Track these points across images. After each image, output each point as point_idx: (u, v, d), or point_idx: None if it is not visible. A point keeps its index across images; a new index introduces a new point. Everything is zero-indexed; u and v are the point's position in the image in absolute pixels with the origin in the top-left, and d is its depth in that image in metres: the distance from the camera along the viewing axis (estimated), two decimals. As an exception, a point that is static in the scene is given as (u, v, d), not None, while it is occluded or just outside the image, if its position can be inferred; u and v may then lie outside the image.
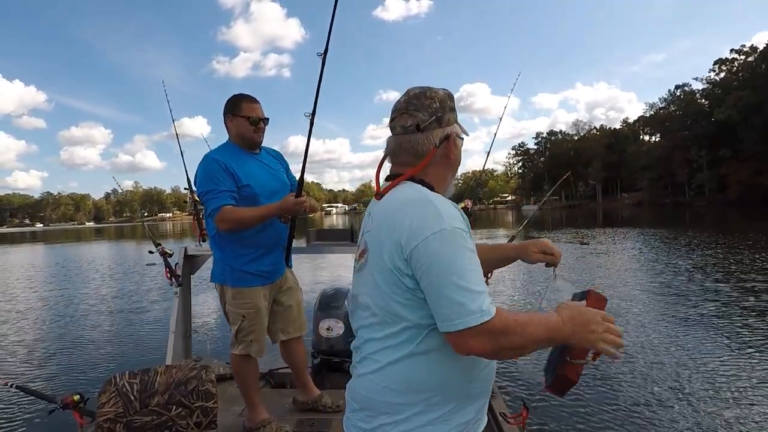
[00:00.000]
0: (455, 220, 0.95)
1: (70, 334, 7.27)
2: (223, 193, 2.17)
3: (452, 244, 0.92)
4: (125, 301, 10.04)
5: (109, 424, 1.81)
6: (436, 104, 1.09)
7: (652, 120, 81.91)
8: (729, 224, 24.37)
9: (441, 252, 0.91)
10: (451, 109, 1.13)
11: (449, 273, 0.89)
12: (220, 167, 2.21)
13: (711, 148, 62.78)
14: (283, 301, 2.49)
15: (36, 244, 40.87)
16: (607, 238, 18.85)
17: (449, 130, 1.10)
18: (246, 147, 2.36)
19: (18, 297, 11.26)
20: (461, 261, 0.91)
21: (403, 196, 1.03)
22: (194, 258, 3.12)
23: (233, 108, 2.33)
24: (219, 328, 6.54)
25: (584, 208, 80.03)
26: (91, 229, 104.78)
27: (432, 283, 0.91)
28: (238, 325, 2.30)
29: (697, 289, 8.13)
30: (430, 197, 1.00)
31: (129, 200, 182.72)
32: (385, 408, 1.01)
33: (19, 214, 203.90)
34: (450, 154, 1.12)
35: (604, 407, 3.82)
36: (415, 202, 0.99)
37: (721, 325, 5.97)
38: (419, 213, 0.96)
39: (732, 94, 58.52)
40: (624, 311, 6.87)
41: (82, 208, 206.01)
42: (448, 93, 1.14)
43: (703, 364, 4.66)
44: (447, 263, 0.90)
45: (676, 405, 3.81)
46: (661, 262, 11.75)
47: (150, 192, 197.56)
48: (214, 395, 2.02)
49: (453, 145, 1.11)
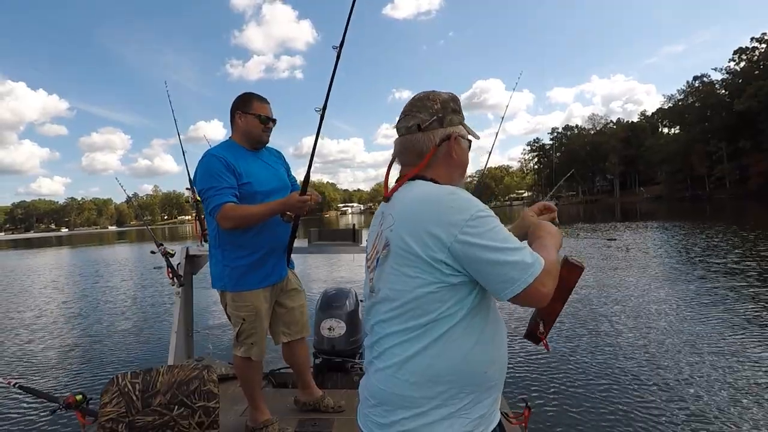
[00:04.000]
0: (479, 204, 1.01)
1: (73, 335, 7.38)
2: (225, 190, 2.14)
3: (489, 223, 0.98)
4: (129, 301, 10.20)
5: (112, 424, 1.83)
6: (437, 106, 1.14)
7: (671, 112, 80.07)
8: (752, 217, 23.75)
9: (484, 232, 0.96)
10: (454, 111, 1.16)
11: (500, 244, 0.96)
12: (222, 164, 2.17)
13: (731, 139, 61.24)
14: (286, 303, 2.47)
15: (61, 248, 41.66)
16: (630, 235, 18.51)
17: (451, 131, 1.14)
18: (250, 145, 2.34)
19: (24, 299, 11.52)
20: (502, 232, 0.98)
21: (421, 190, 1.08)
22: (196, 258, 3.12)
23: (244, 105, 2.31)
24: (221, 328, 6.59)
25: (602, 202, 78.79)
26: (113, 232, 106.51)
27: (488, 260, 0.96)
28: (239, 328, 2.30)
29: (724, 290, 7.86)
30: (449, 188, 1.06)
31: (149, 204, 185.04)
32: (404, 402, 1.03)
33: (45, 219, 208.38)
34: (452, 153, 1.15)
35: (608, 406, 3.77)
36: (439, 194, 1.04)
37: (742, 329, 5.70)
38: (447, 203, 1.01)
39: (752, 83, 56.98)
40: (642, 310, 6.78)
41: (104, 213, 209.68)
42: (452, 96, 1.18)
43: (715, 366, 4.52)
44: (493, 239, 0.96)
45: (681, 404, 3.74)
46: (685, 260, 11.53)
47: (169, 195, 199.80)
48: (216, 395, 2.03)
49: (455, 144, 1.15)
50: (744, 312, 6.26)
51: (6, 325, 8.29)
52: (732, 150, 61.52)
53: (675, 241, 15.07)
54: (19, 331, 7.82)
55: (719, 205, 40.79)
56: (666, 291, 7.85)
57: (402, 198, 1.11)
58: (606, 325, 6.04)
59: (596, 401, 3.87)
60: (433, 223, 0.99)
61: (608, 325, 6.07)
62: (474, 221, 0.97)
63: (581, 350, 5.13)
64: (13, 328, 8.04)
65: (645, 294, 7.70)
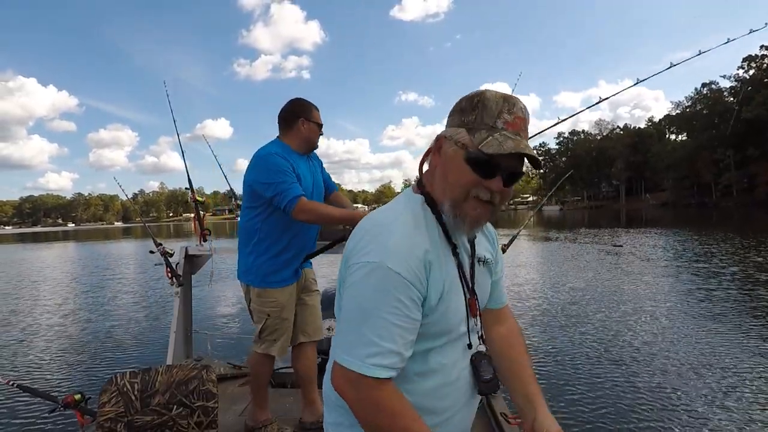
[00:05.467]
0: (396, 260, 0.83)
1: (71, 334, 7.38)
2: (295, 185, 2.16)
3: (376, 284, 0.83)
4: (128, 300, 10.21)
5: (110, 423, 1.82)
6: (453, 108, 0.95)
7: (679, 119, 79.84)
8: (759, 225, 23.59)
9: (359, 285, 0.85)
10: (456, 112, 0.94)
11: (359, 312, 0.84)
12: (287, 163, 2.20)
13: (738, 147, 60.92)
14: (307, 300, 2.49)
15: (68, 242, 41.96)
16: (636, 241, 18.45)
17: (442, 134, 0.94)
18: (305, 150, 2.39)
19: (22, 297, 11.49)
20: (376, 305, 0.83)
21: (382, 209, 0.99)
22: (195, 258, 3.12)
23: (307, 113, 2.35)
24: (220, 328, 6.61)
25: (607, 208, 78.54)
26: (119, 228, 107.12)
27: (342, 311, 0.89)
28: (263, 324, 2.30)
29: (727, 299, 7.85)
30: (389, 223, 0.90)
31: (155, 201, 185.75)
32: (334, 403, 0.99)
33: (52, 214, 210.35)
34: (436, 163, 0.95)
35: (608, 407, 3.76)
36: (373, 222, 0.93)
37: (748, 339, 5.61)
38: (364, 236, 0.90)
39: (761, 91, 56.66)
40: (645, 314, 6.74)
41: (111, 209, 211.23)
42: (468, 95, 0.94)
43: (715, 375, 4.47)
44: (359, 302, 0.85)
45: (683, 406, 3.72)
46: (690, 266, 11.45)
47: (175, 193, 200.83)
48: (215, 395, 2.02)
49: (441, 152, 0.94)
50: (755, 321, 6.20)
51: (5, 324, 8.30)
52: (740, 158, 61.21)
53: (681, 248, 14.98)
54: (18, 330, 7.83)
55: (726, 212, 40.54)
56: (670, 297, 7.79)
57: None
58: (606, 328, 6.01)
59: (596, 401, 3.86)
60: (348, 250, 0.93)
61: (609, 327, 6.04)
62: (366, 266, 0.85)
63: (581, 351, 5.11)
64: (12, 327, 8.04)
65: (648, 299, 7.65)
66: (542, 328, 6.35)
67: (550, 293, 8.70)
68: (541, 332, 6.13)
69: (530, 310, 7.32)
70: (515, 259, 13.81)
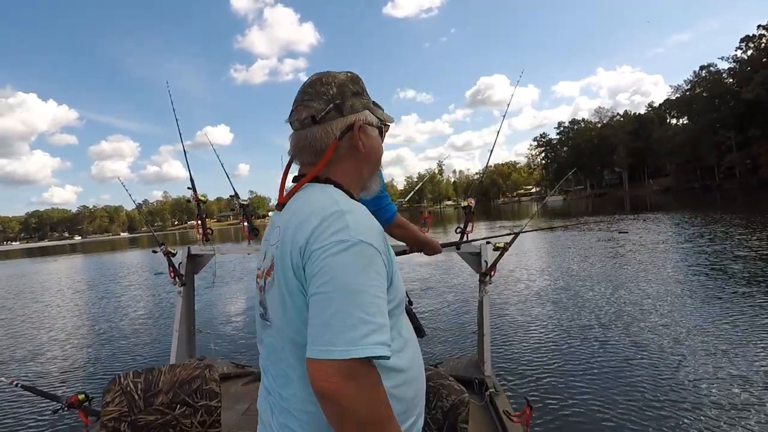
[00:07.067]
0: (367, 233, 0.83)
1: (75, 335, 7.45)
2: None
3: (356, 260, 0.79)
4: (131, 301, 10.29)
5: (114, 423, 1.84)
6: (333, 90, 0.95)
7: (678, 103, 79.33)
8: (763, 206, 23.44)
9: (338, 266, 0.79)
10: (356, 94, 0.98)
11: (344, 294, 0.77)
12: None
13: (740, 128, 60.55)
14: None
15: (74, 255, 42.12)
16: (642, 226, 18.35)
17: (354, 118, 0.96)
18: None
19: (27, 302, 11.63)
20: (360, 281, 0.78)
21: (311, 200, 0.91)
22: (198, 258, 3.13)
23: None
24: (223, 327, 6.62)
25: (611, 196, 78.16)
26: (125, 239, 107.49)
27: (319, 295, 0.79)
28: None
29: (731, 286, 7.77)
30: (340, 204, 0.87)
31: (159, 210, 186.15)
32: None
33: (58, 228, 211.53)
34: (358, 146, 0.97)
35: (610, 405, 3.68)
36: (324, 206, 0.87)
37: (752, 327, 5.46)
38: (325, 218, 0.84)
39: (760, 72, 56.27)
40: (648, 307, 6.71)
41: (116, 220, 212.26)
42: (352, 75, 1.00)
43: (723, 361, 4.42)
44: (343, 282, 0.78)
45: (687, 403, 3.63)
46: (697, 253, 11.38)
47: (179, 201, 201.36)
48: (218, 394, 2.02)
49: (361, 134, 0.97)
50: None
51: (10, 326, 8.40)
52: (741, 139, 60.84)
53: (688, 232, 14.90)
54: (23, 331, 7.92)
55: (729, 195, 40.24)
56: (676, 288, 7.62)
57: (295, 208, 0.92)
58: (610, 322, 5.94)
59: (598, 399, 3.79)
60: (306, 237, 0.83)
61: (612, 321, 5.96)
62: (341, 244, 0.80)
63: (584, 347, 5.04)
64: (17, 329, 8.13)
65: (652, 291, 7.52)
66: (555, 313, 6.34)
67: (562, 282, 8.62)
68: (554, 319, 6.11)
69: (543, 298, 7.27)
70: (522, 247, 13.74)
